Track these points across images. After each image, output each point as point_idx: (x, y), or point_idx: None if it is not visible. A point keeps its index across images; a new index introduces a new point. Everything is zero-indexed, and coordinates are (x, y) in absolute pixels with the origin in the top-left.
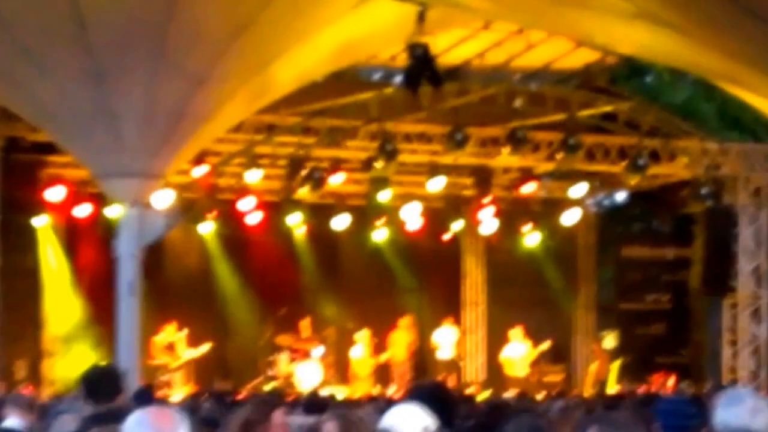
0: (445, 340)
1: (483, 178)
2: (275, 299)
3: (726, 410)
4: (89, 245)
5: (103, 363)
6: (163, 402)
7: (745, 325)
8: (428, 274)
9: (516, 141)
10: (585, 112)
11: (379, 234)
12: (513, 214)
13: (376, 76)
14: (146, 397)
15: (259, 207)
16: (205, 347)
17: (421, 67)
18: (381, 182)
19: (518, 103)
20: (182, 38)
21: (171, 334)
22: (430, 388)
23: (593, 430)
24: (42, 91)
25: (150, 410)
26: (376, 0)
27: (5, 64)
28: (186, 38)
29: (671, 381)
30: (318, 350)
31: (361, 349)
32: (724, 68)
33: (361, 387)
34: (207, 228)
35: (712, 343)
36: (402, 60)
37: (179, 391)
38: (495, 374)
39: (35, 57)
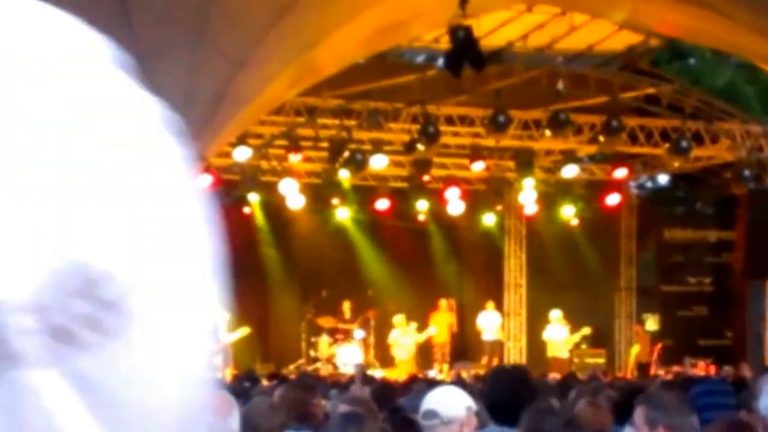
0: (488, 324)
1: (525, 160)
2: (317, 281)
3: None
4: None
5: None
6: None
7: None
8: (470, 256)
9: (558, 123)
10: (627, 95)
11: (420, 216)
12: (555, 196)
13: (419, 59)
14: None
15: (300, 189)
16: (244, 330)
17: (464, 49)
18: (423, 164)
19: (560, 85)
20: (224, 20)
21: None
22: (511, 372)
23: (640, 410)
24: None
25: None
26: None
27: None
28: (227, 20)
29: (712, 370)
30: (359, 332)
31: (401, 332)
32: (766, 50)
33: (405, 369)
34: (249, 209)
35: (755, 326)
36: (445, 42)
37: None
38: (536, 356)
39: None
